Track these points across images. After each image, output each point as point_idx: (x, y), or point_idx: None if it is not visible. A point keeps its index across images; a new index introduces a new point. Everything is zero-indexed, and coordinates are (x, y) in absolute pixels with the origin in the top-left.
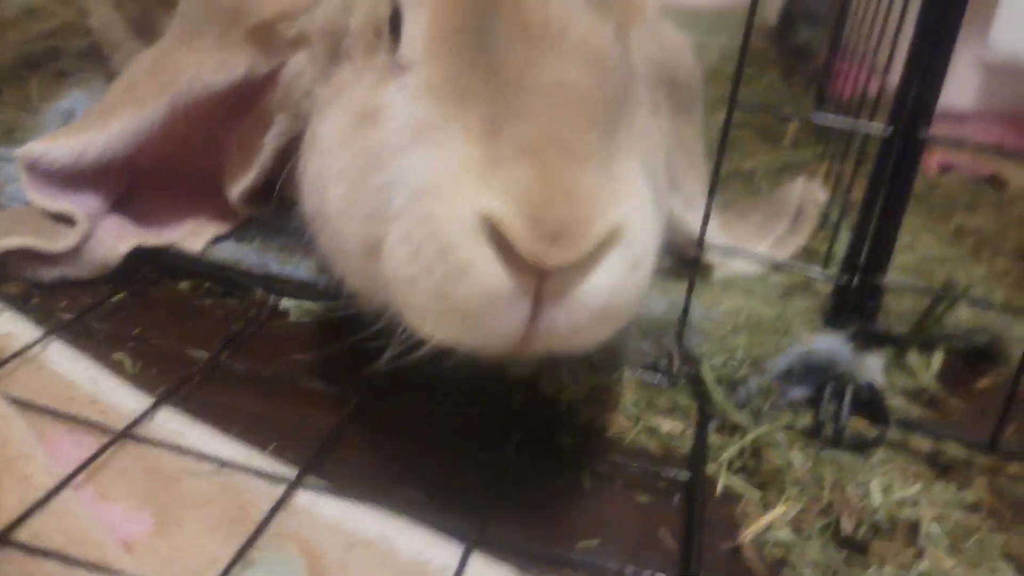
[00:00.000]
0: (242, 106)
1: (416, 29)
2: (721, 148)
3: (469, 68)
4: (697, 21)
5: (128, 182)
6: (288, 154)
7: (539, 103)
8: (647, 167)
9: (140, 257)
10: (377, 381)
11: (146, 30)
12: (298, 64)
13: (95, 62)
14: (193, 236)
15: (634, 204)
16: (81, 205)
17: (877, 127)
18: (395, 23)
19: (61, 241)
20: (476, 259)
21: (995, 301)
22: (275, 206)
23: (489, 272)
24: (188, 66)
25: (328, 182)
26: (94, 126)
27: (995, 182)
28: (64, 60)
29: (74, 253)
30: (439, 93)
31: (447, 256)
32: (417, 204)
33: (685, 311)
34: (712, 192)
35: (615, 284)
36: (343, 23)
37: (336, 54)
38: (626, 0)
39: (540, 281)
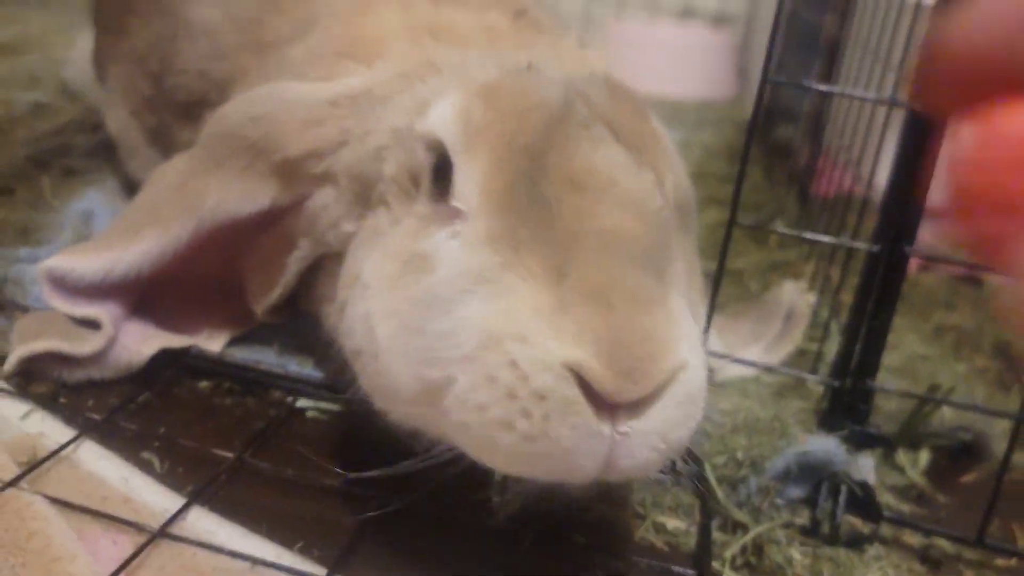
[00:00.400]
0: (264, 227)
1: (469, 182)
2: (719, 270)
3: (525, 219)
4: (680, 115)
5: (147, 287)
6: (306, 272)
7: (597, 250)
8: (687, 300)
9: (162, 357)
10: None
11: (162, 140)
12: (324, 198)
13: (104, 160)
14: (211, 339)
15: (690, 342)
16: (105, 310)
17: (865, 245)
18: (440, 172)
19: (87, 345)
20: (573, 400)
21: (976, 398)
22: (293, 313)
23: (584, 411)
24: (212, 193)
25: (377, 323)
26: (119, 244)
27: (972, 280)
28: (72, 158)
29: (100, 356)
30: (498, 243)
31: (546, 399)
32: (497, 350)
33: None
34: (713, 304)
35: (678, 416)
36: (375, 168)
37: (367, 197)
38: (658, 151)
39: (614, 416)
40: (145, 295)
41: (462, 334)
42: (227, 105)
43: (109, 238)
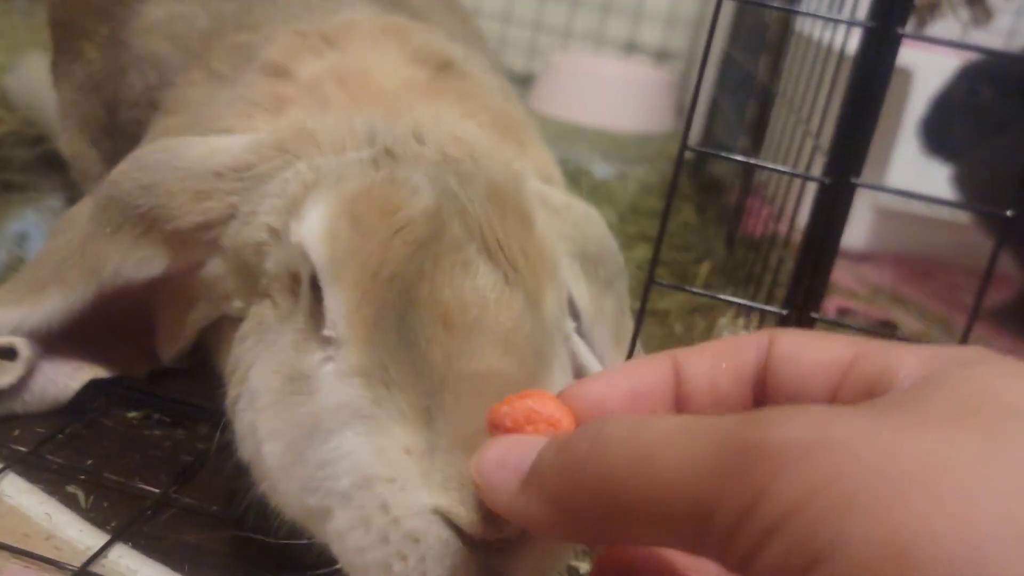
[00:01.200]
0: (164, 285)
1: (336, 312)
2: (640, 312)
3: (395, 357)
4: (618, 147)
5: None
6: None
7: (466, 395)
8: None
9: (91, 386)
10: None
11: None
12: (216, 269)
13: (43, 176)
14: (134, 368)
15: None
16: (23, 340)
17: (775, 309)
18: (315, 285)
19: (4, 376)
20: (446, 541)
21: None
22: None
23: (459, 552)
24: (111, 258)
25: (264, 441)
26: (27, 300)
27: (887, 325)
28: (10, 172)
29: (23, 389)
30: (369, 379)
31: (420, 542)
32: (369, 491)
33: None
34: (633, 344)
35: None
36: (256, 262)
37: (253, 285)
38: (538, 264)
39: (489, 554)
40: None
41: (339, 467)
42: (117, 168)
43: (17, 290)
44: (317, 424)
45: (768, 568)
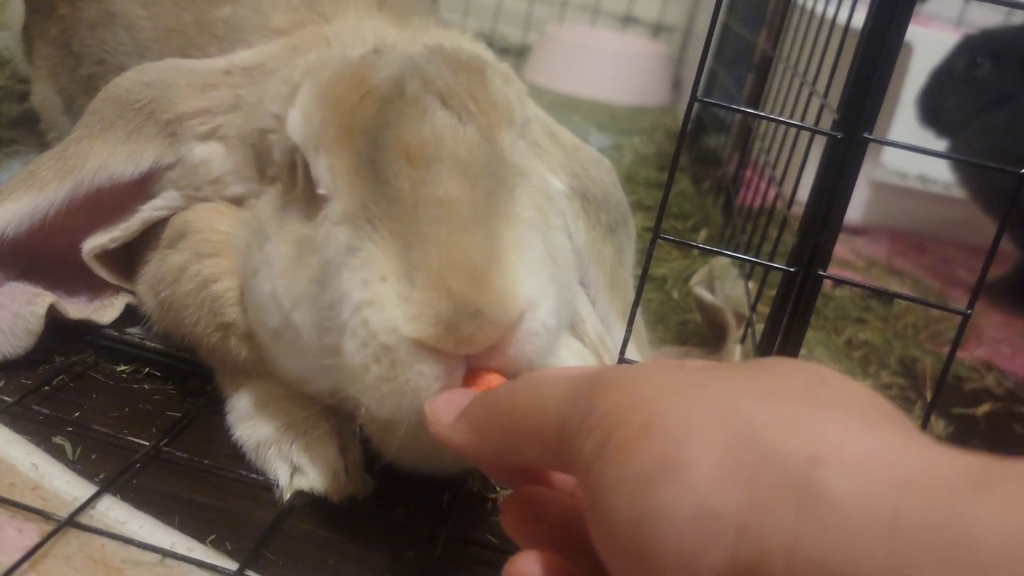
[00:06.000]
0: (142, 192)
1: (322, 170)
2: (643, 277)
3: (373, 196)
4: (614, 119)
5: (28, 264)
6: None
7: (433, 221)
8: (535, 227)
9: (81, 340)
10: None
11: (76, 111)
12: (206, 153)
13: (29, 131)
14: (104, 309)
15: (531, 286)
16: None
17: (782, 267)
18: (306, 165)
19: None
20: (417, 351)
21: None
22: None
23: (429, 356)
24: (96, 155)
25: (291, 310)
26: None
27: (883, 295)
28: None
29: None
30: (354, 220)
31: (392, 350)
32: (358, 314)
33: None
34: (634, 311)
35: (531, 343)
36: (266, 151)
37: (262, 170)
38: (488, 106)
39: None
40: (30, 269)
41: (341, 306)
42: (121, 75)
43: None
44: (325, 272)
45: (586, 455)
